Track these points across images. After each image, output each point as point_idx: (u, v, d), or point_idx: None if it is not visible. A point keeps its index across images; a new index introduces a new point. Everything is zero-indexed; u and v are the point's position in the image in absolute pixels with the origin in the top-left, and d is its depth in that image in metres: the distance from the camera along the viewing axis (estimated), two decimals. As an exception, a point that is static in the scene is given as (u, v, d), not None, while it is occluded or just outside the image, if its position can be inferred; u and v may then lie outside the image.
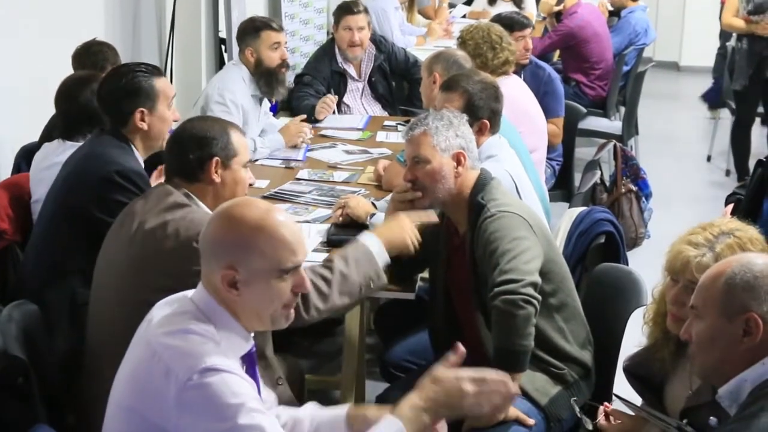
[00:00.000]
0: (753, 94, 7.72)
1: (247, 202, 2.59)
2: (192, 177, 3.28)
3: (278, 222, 2.50)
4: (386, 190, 4.71)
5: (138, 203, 3.32)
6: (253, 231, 2.46)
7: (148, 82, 3.85)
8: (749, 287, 2.38)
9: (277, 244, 2.47)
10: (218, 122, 3.42)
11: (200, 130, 3.31)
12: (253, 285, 2.47)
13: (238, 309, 2.49)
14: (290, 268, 2.48)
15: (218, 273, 2.46)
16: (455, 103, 4.13)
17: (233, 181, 3.32)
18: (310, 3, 8.78)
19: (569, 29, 8.27)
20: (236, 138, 3.35)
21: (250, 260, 2.45)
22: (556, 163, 6.23)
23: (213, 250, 2.49)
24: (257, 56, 5.46)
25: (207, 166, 3.27)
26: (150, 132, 3.86)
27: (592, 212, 4.23)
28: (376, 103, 6.58)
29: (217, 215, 2.54)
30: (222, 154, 3.28)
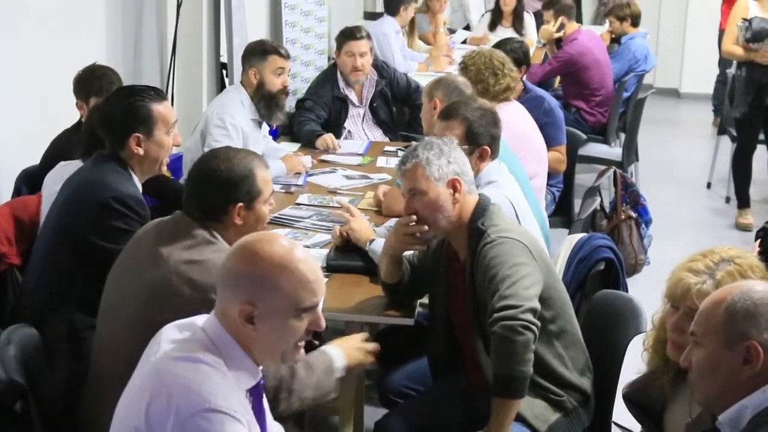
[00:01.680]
0: (753, 122, 7.73)
1: (271, 238, 2.57)
2: (212, 217, 3.24)
3: (300, 261, 2.49)
4: (386, 216, 4.71)
5: (153, 232, 3.27)
6: (275, 268, 2.46)
7: (146, 106, 3.79)
8: (750, 315, 2.37)
9: (297, 284, 2.47)
10: (243, 160, 3.29)
11: (225, 172, 3.23)
12: (270, 322, 2.47)
13: (251, 343, 2.49)
14: (309, 307, 2.49)
15: (236, 306, 2.46)
16: (455, 131, 4.13)
17: (255, 220, 3.29)
18: (312, 28, 8.81)
19: (569, 56, 8.30)
20: (261, 176, 3.28)
21: (270, 297, 2.45)
22: (557, 190, 6.23)
23: (233, 283, 2.49)
24: (260, 78, 5.47)
25: (230, 209, 3.23)
26: (146, 157, 3.81)
27: (591, 239, 4.23)
28: (377, 128, 6.59)
29: (240, 248, 2.53)
30: (246, 198, 3.24)
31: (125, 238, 3.43)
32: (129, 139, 3.77)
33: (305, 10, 8.68)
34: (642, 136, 8.74)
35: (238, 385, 2.45)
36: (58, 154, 4.41)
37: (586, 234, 4.36)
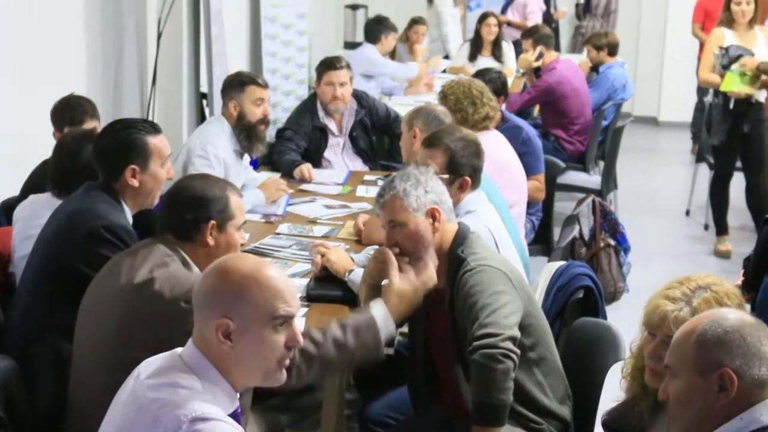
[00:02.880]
0: (730, 149, 7.77)
1: (240, 255, 2.63)
2: (185, 237, 3.29)
3: (271, 273, 2.52)
4: (366, 244, 4.72)
5: (125, 257, 3.30)
6: (246, 280, 2.48)
7: (142, 139, 3.83)
8: (720, 342, 2.39)
9: (269, 293, 2.48)
10: (218, 183, 3.40)
11: (199, 191, 3.31)
12: (247, 335, 2.47)
13: (230, 363, 2.49)
14: (283, 316, 2.48)
15: (212, 324, 2.46)
16: (438, 160, 4.16)
17: (226, 244, 3.33)
18: (292, 58, 8.84)
19: (548, 85, 8.35)
20: (234, 201, 3.35)
21: (244, 309, 2.46)
22: (536, 218, 6.26)
23: (206, 302, 2.50)
24: (240, 110, 5.48)
25: (203, 228, 3.28)
26: (141, 189, 3.84)
27: (570, 267, 4.25)
28: (357, 157, 6.61)
29: (210, 269, 2.56)
30: (219, 218, 3.30)
31: None
32: (125, 171, 3.80)
33: (285, 39, 8.71)
34: (621, 164, 8.79)
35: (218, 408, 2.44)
36: (37, 185, 4.40)
37: (565, 262, 4.38)
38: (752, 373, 2.38)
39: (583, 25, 12.62)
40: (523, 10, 11.73)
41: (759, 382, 2.38)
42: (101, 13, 5.97)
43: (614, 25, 12.65)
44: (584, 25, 12.57)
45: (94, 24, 5.88)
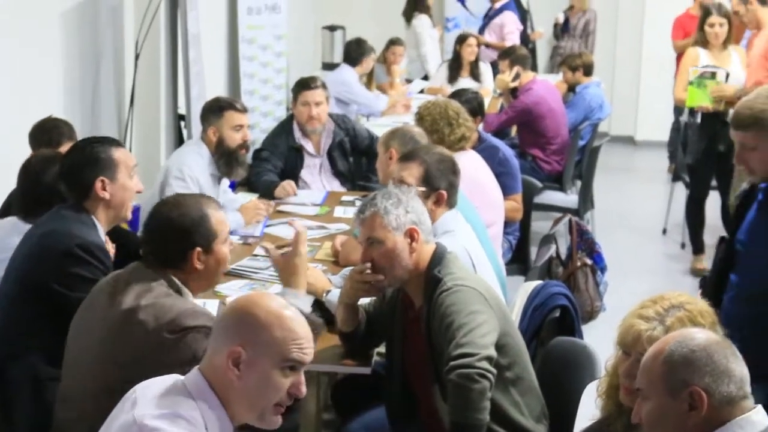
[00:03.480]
0: (706, 168, 7.80)
1: (268, 294, 2.72)
2: (172, 265, 3.26)
3: (294, 317, 2.57)
4: (343, 266, 4.73)
5: (113, 281, 3.27)
6: (270, 316, 2.53)
7: (106, 152, 3.86)
8: (688, 362, 2.41)
9: (288, 335, 2.53)
10: (195, 204, 3.31)
11: (178, 220, 3.25)
12: (256, 369, 2.51)
13: (233, 393, 2.52)
14: (295, 360, 2.53)
15: (225, 350, 2.50)
16: (413, 171, 4.19)
17: (216, 263, 3.31)
18: (270, 79, 8.86)
19: (525, 105, 8.39)
20: (215, 217, 3.30)
21: (260, 343, 2.50)
22: (513, 237, 6.28)
23: (226, 330, 2.55)
24: (219, 135, 5.48)
25: (189, 256, 3.25)
26: (112, 201, 3.85)
27: (547, 286, 4.28)
28: (335, 179, 6.61)
29: (238, 300, 2.63)
30: (203, 242, 3.26)
31: (89, 286, 3.44)
32: (94, 185, 3.81)
33: (263, 60, 8.72)
34: (598, 184, 8.82)
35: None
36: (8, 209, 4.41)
37: (541, 281, 4.40)
38: (721, 390, 2.40)
39: (562, 45, 12.66)
40: (501, 30, 11.76)
41: (729, 399, 2.40)
42: (79, 35, 5.98)
43: (593, 45, 12.71)
44: (563, 46, 12.61)
45: (71, 46, 5.89)
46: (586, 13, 12.78)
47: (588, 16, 12.78)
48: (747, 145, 3.80)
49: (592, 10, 12.82)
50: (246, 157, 5.64)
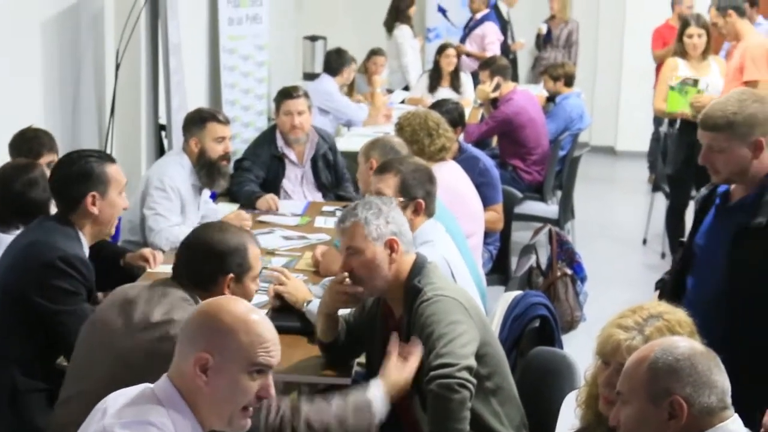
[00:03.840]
0: (686, 178, 7.82)
1: (234, 298, 2.72)
2: (202, 287, 3.27)
3: (260, 320, 2.58)
4: (324, 276, 4.73)
5: (141, 294, 3.26)
6: (236, 321, 2.53)
7: (100, 167, 3.88)
8: (672, 370, 2.42)
9: (255, 338, 2.53)
10: (236, 234, 3.37)
11: (217, 243, 3.29)
12: (223, 374, 2.51)
13: (202, 399, 2.53)
14: (261, 364, 2.53)
15: (192, 357, 2.51)
16: (389, 182, 4.21)
17: (242, 295, 3.27)
18: (251, 89, 8.86)
19: (505, 116, 8.40)
20: (252, 252, 3.34)
21: (227, 348, 2.51)
22: (494, 248, 6.29)
23: (192, 336, 2.55)
24: (201, 147, 5.47)
25: (220, 280, 3.28)
26: (100, 217, 3.86)
27: (526, 296, 4.28)
28: (317, 191, 6.61)
29: (202, 305, 2.64)
30: (237, 271, 3.29)
31: (70, 299, 3.44)
32: (85, 199, 3.82)
33: (244, 70, 8.73)
34: (578, 194, 8.85)
35: None
36: None
37: (521, 292, 4.41)
38: (702, 401, 2.41)
39: (544, 56, 12.67)
40: (482, 41, 11.79)
41: (708, 409, 2.42)
42: (59, 44, 5.98)
43: (576, 56, 12.74)
44: (545, 57, 12.62)
45: (52, 55, 5.88)
46: (568, 23, 12.82)
47: (570, 27, 12.82)
48: (715, 147, 3.82)
49: (575, 21, 12.86)
50: (228, 169, 5.64)
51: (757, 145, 3.78)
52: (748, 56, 7.08)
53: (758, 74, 6.99)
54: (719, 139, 3.80)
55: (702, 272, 4.00)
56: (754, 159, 3.80)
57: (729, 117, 3.77)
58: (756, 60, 7.04)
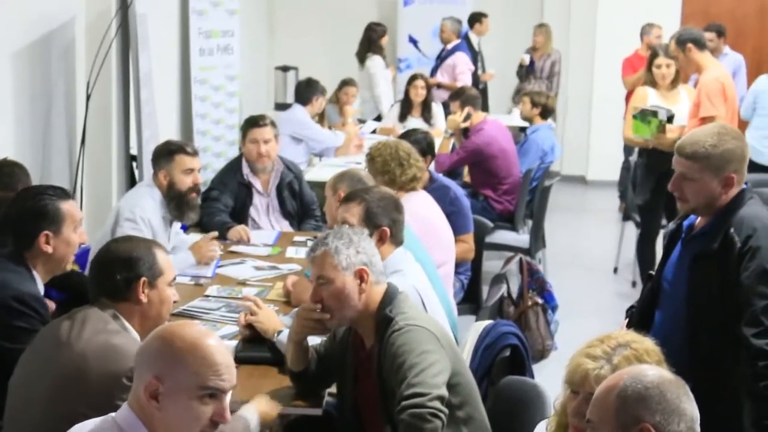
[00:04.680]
0: (656, 207, 7.86)
1: (187, 323, 2.71)
2: (119, 297, 3.31)
3: (212, 344, 2.58)
4: (295, 306, 4.73)
5: (63, 324, 3.26)
6: (186, 345, 2.54)
7: (54, 204, 3.86)
8: (641, 398, 2.43)
9: (205, 363, 2.53)
10: (143, 242, 3.47)
11: (126, 251, 3.36)
12: (175, 400, 2.51)
13: (158, 425, 2.53)
14: (213, 388, 2.52)
15: (143, 383, 2.50)
16: (354, 211, 4.24)
17: (159, 301, 3.37)
18: (222, 120, 8.88)
19: (476, 146, 8.44)
20: (161, 257, 3.41)
21: (177, 373, 2.51)
22: (465, 277, 6.30)
23: (145, 362, 2.56)
24: (170, 179, 5.47)
25: (134, 286, 3.31)
26: (54, 255, 3.85)
27: (497, 326, 4.30)
28: (284, 219, 6.61)
29: (157, 330, 2.63)
30: (149, 274, 3.34)
31: (27, 337, 3.42)
32: (38, 238, 3.81)
33: (216, 101, 8.74)
34: (550, 223, 8.87)
35: None
36: None
37: (492, 321, 4.42)
38: (671, 428, 2.42)
39: (527, 87, 12.53)
40: (453, 71, 11.85)
41: None
42: (30, 75, 5.97)
43: (557, 86, 12.77)
44: (528, 88, 12.52)
45: (22, 86, 5.87)
46: (551, 54, 12.81)
47: (554, 58, 12.81)
48: (687, 175, 3.87)
49: (557, 51, 12.84)
50: (197, 201, 5.63)
51: (727, 181, 3.85)
52: (703, 92, 7.14)
53: (714, 110, 7.05)
54: (694, 168, 3.85)
55: (669, 305, 4.05)
56: (722, 194, 3.85)
57: (708, 149, 3.83)
58: (711, 96, 7.11)
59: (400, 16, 13.32)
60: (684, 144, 3.91)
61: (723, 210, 3.87)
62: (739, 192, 3.89)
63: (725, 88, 7.17)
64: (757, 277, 3.73)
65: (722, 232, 3.82)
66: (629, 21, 12.14)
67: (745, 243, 3.76)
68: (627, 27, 12.09)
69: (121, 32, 6.86)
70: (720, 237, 3.82)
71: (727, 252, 3.79)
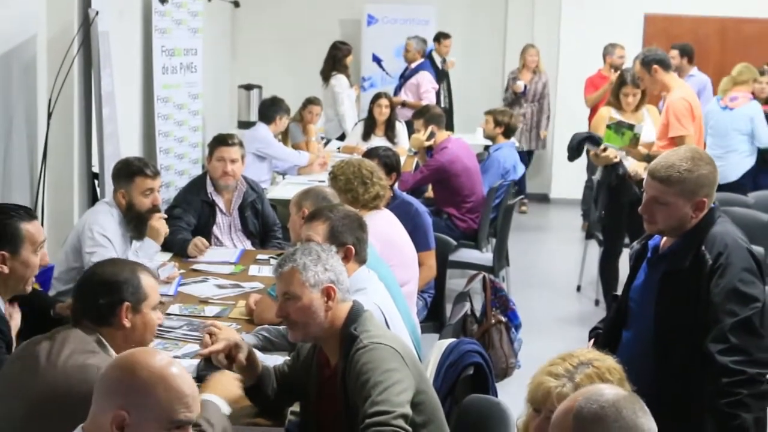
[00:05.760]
0: (618, 226, 7.90)
1: (151, 351, 2.65)
2: (102, 321, 3.28)
3: (178, 374, 2.53)
4: (258, 324, 4.71)
5: (42, 344, 3.24)
6: (153, 378, 2.48)
7: (14, 225, 3.82)
8: (597, 418, 2.43)
9: (174, 396, 2.49)
10: (128, 265, 3.45)
11: (110, 275, 3.34)
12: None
13: None
14: (181, 421, 2.49)
15: (110, 414, 2.45)
16: (318, 229, 4.23)
17: (143, 325, 3.34)
18: (185, 138, 8.84)
19: (440, 164, 8.46)
20: (146, 281, 3.37)
21: (144, 406, 2.46)
22: (428, 295, 6.30)
23: (109, 392, 2.50)
24: (129, 200, 5.44)
25: (117, 311, 3.29)
26: (10, 276, 3.81)
27: (460, 344, 4.29)
28: (246, 239, 6.60)
29: (119, 358, 2.58)
30: (132, 299, 3.31)
31: None
32: None
33: (179, 119, 8.71)
34: (513, 241, 8.89)
35: None
36: None
37: (455, 339, 4.42)
38: None
39: (520, 112, 12.38)
40: (417, 90, 11.89)
41: None
42: (-10, 93, 5.94)
43: (548, 108, 12.66)
44: (521, 113, 12.42)
45: (-18, 104, 5.84)
46: (541, 76, 12.67)
47: (544, 80, 12.69)
48: (660, 199, 3.89)
49: (545, 73, 12.72)
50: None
51: (698, 205, 3.88)
52: (671, 113, 7.20)
53: (683, 130, 7.11)
54: (668, 192, 3.87)
55: (636, 324, 4.06)
56: (693, 218, 3.88)
57: (682, 174, 3.85)
58: (679, 116, 7.16)
59: (364, 34, 13.37)
60: (658, 167, 3.92)
61: (693, 229, 3.90)
62: (709, 211, 3.92)
63: (692, 107, 7.23)
64: (726, 295, 3.75)
65: (693, 250, 3.85)
66: (592, 41, 12.25)
67: (716, 260, 3.79)
68: (590, 47, 12.20)
69: (83, 50, 6.83)
70: (691, 255, 3.85)
71: (698, 270, 3.82)
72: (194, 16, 9.02)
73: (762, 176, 9.69)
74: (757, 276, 3.83)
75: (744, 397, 3.67)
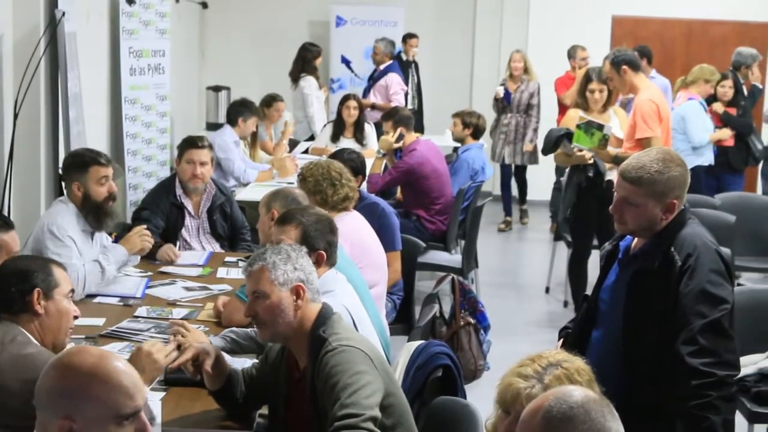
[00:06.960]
0: (587, 228, 7.92)
1: (80, 349, 2.54)
2: (16, 309, 3.37)
3: (112, 368, 2.44)
4: (226, 326, 4.69)
5: None
6: (86, 378, 2.40)
7: None
8: (566, 419, 2.43)
9: (112, 390, 2.41)
10: (39, 258, 3.64)
11: (20, 265, 3.47)
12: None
13: None
14: (128, 413, 2.43)
15: (55, 424, 2.38)
16: (291, 234, 4.21)
17: (57, 312, 3.44)
18: (153, 139, 8.81)
19: (409, 166, 8.46)
20: (57, 271, 3.49)
21: (86, 408, 2.38)
22: (397, 297, 6.29)
23: (48, 401, 2.42)
24: (84, 191, 5.38)
25: (29, 297, 3.38)
26: None
27: (429, 346, 4.29)
28: (215, 241, 6.57)
29: (50, 366, 2.48)
30: (43, 285, 3.42)
31: None
32: None
33: (146, 121, 8.68)
34: (482, 243, 8.90)
35: None
36: None
37: (424, 341, 4.42)
38: None
39: (504, 122, 12.04)
40: (386, 91, 11.88)
41: None
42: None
43: (538, 118, 12.09)
44: (505, 123, 12.11)
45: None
46: (529, 85, 11.81)
47: (532, 89, 11.79)
48: (630, 200, 3.90)
49: (535, 81, 11.91)
50: (114, 209, 5.55)
51: (669, 207, 3.89)
52: (638, 114, 7.23)
53: (650, 131, 7.13)
54: (638, 193, 3.88)
55: (606, 325, 4.07)
56: (663, 219, 3.89)
57: (653, 175, 3.86)
58: (646, 117, 7.18)
59: (333, 36, 13.37)
60: (628, 168, 3.93)
61: (663, 230, 3.91)
62: (679, 212, 3.93)
63: (660, 109, 7.25)
64: (695, 297, 3.77)
65: (662, 251, 3.86)
66: (560, 43, 12.28)
67: (685, 262, 3.80)
68: (558, 49, 12.23)
69: (49, 51, 6.79)
70: (660, 256, 3.86)
71: (668, 271, 3.83)
72: (162, 17, 8.98)
73: (726, 177, 9.79)
74: (726, 278, 3.85)
75: (713, 399, 3.69)
